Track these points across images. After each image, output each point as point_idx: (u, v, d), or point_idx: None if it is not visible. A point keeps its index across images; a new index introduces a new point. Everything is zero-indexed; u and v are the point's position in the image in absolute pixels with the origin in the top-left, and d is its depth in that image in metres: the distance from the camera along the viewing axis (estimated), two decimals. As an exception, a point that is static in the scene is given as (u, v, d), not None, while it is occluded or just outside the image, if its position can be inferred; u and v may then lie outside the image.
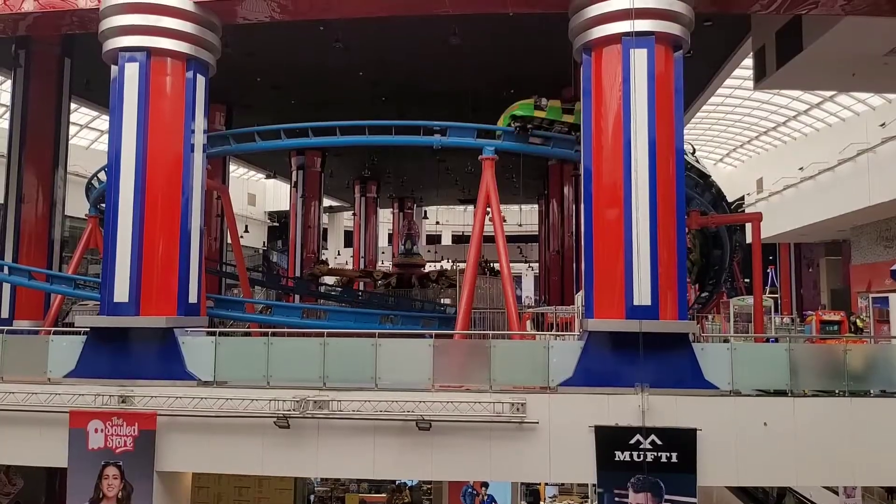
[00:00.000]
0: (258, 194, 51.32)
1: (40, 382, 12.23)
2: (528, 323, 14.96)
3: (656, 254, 11.52)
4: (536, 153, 15.55)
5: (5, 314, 18.27)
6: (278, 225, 51.92)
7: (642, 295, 11.42)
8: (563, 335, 13.27)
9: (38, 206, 18.84)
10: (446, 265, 42.62)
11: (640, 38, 11.72)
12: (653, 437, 10.69)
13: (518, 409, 10.88)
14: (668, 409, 10.85)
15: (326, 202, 40.77)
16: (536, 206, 39.77)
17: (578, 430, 10.85)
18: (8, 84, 22.03)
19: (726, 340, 14.15)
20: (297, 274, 30.04)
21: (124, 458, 11.27)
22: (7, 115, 21.17)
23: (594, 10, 12.01)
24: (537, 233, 37.97)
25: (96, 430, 11.32)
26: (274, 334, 12.63)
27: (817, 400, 11.21)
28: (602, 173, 12.03)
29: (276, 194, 50.22)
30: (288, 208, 34.19)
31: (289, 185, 33.44)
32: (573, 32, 12.63)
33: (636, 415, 10.76)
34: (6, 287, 18.18)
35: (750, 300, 17.35)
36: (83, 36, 14.80)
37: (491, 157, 14.37)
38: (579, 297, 13.13)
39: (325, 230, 46.66)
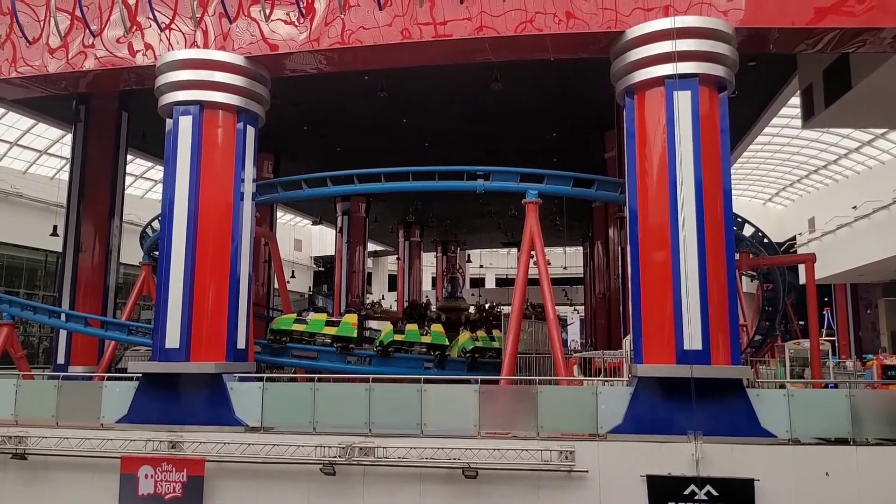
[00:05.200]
0: (304, 240, 52.17)
1: (93, 428, 12.45)
2: (575, 368, 14.70)
3: (706, 296, 11.28)
4: (580, 196, 15.50)
5: (61, 360, 18.79)
6: (324, 270, 52.56)
7: (692, 339, 11.16)
8: (611, 380, 12.98)
9: (95, 255, 19.50)
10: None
11: (683, 80, 11.72)
12: (708, 487, 10.30)
13: (567, 458, 10.62)
14: (724, 458, 10.46)
15: (371, 247, 41.20)
16: (581, 248, 39.47)
17: (630, 480, 10.52)
18: (69, 138, 23.06)
19: (783, 386, 13.65)
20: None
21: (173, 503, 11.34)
22: (67, 168, 22.12)
23: (636, 54, 12.07)
24: (582, 275, 37.57)
25: (146, 476, 11.43)
26: (320, 380, 12.67)
27: (881, 448, 10.66)
28: (648, 215, 11.91)
29: (322, 240, 50.99)
30: (333, 253, 34.67)
31: (334, 231, 33.95)
32: (615, 76, 12.69)
33: (689, 464, 10.40)
34: (62, 333, 18.73)
35: (806, 344, 16.76)
36: (140, 91, 15.47)
37: (535, 200, 14.38)
38: (627, 342, 12.88)
39: (370, 274, 47.06)
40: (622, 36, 12.28)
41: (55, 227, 23.03)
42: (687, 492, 10.31)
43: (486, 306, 29.87)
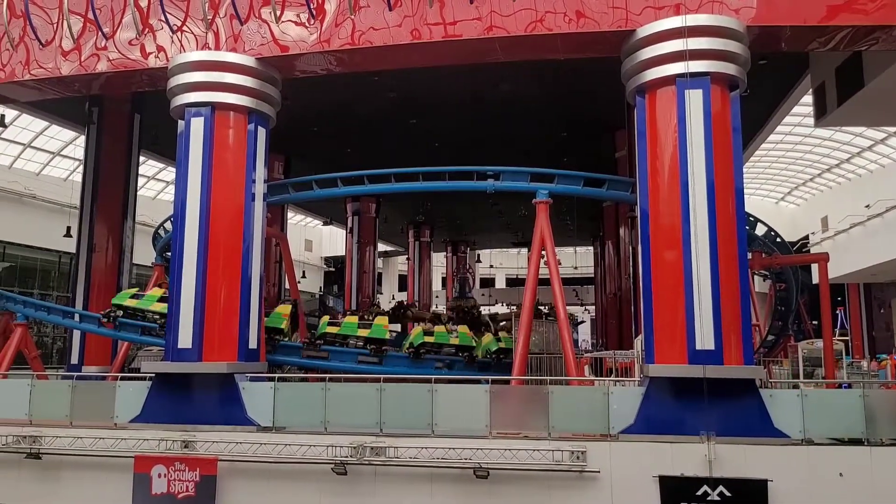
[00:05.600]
0: (315, 240, 52.32)
1: (107, 427, 12.54)
2: (586, 368, 14.68)
3: (718, 296, 11.24)
4: (591, 196, 15.48)
5: (75, 360, 18.94)
6: (334, 270, 52.68)
7: (705, 339, 11.11)
8: (622, 381, 12.95)
9: (108, 255, 19.66)
10: (501, 309, 42.38)
11: (694, 78, 11.68)
12: (721, 487, 10.25)
13: (578, 458, 10.60)
14: (737, 458, 10.41)
15: (381, 247, 41.27)
16: (591, 248, 39.39)
17: (641, 480, 10.49)
18: (82, 139, 23.22)
19: (796, 386, 13.57)
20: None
21: (186, 503, 11.38)
22: (81, 169, 22.29)
23: (647, 53, 12.04)
24: (593, 275, 37.48)
25: (160, 475, 11.49)
26: (331, 380, 12.71)
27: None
28: (659, 214, 11.88)
29: (333, 240, 51.11)
30: (344, 253, 34.75)
31: (344, 231, 34.03)
32: (626, 75, 12.66)
33: (702, 464, 10.36)
34: (76, 334, 18.88)
35: (819, 343, 16.65)
36: (152, 93, 15.56)
37: (545, 200, 14.36)
38: (639, 342, 12.84)
39: (380, 274, 47.10)
40: (633, 35, 12.25)
41: (69, 228, 23.20)
42: (700, 492, 10.27)
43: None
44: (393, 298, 47.06)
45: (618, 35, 12.43)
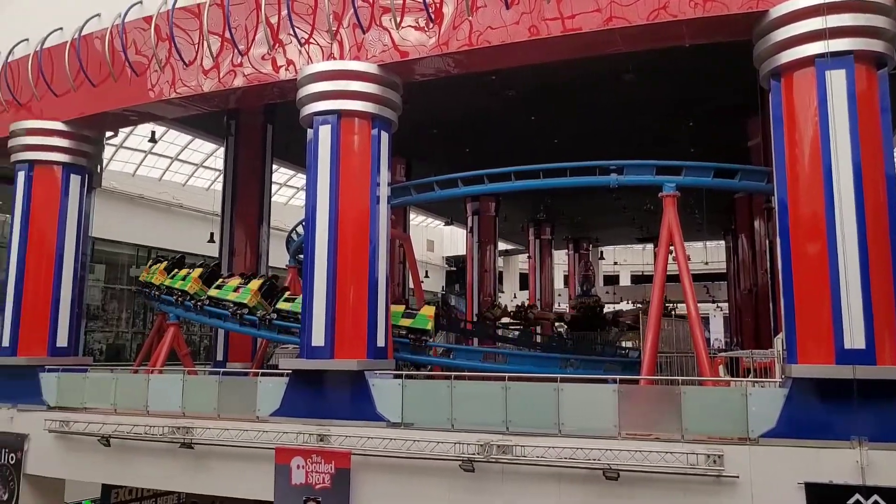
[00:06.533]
0: (436, 240, 53.25)
1: (250, 420, 13.35)
2: (721, 368, 13.99)
3: (868, 290, 10.35)
4: (723, 187, 14.77)
5: (220, 357, 20.32)
6: (455, 269, 53.38)
7: (854, 337, 10.27)
8: (761, 381, 12.23)
9: (246, 259, 20.97)
10: (626, 306, 41.34)
11: (836, 58, 10.82)
12: (875, 497, 9.46)
13: (715, 461, 10.13)
14: (893, 466, 9.57)
15: (501, 246, 41.35)
16: (723, 242, 37.56)
17: (785, 487, 9.87)
18: (221, 151, 24.88)
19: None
20: (475, 317, 30.60)
21: (323, 494, 11.92)
22: (221, 179, 23.89)
23: (782, 34, 11.28)
24: (725, 271, 35.73)
25: (298, 467, 12.10)
26: (456, 377, 12.87)
27: None
28: (799, 205, 11.10)
29: (453, 240, 51.83)
30: (464, 253, 35.11)
31: (465, 231, 34.38)
32: (759, 58, 11.95)
33: (853, 471, 9.60)
34: (220, 332, 20.24)
35: None
36: (282, 104, 16.41)
37: (672, 193, 13.84)
38: (779, 340, 12.07)
39: (501, 273, 47.22)
40: (766, 15, 11.52)
41: (212, 235, 24.94)
42: (851, 501, 9.52)
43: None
44: (514, 297, 47.10)
45: (749, 17, 11.74)
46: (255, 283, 17.57)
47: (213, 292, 17.41)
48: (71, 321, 17.07)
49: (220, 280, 17.76)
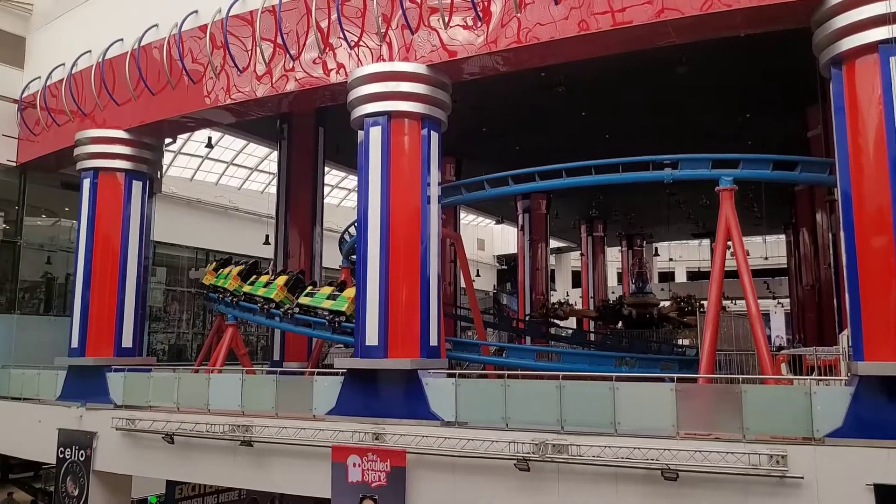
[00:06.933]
0: (487, 239, 53.18)
1: (307, 419, 13.57)
2: (783, 366, 13.59)
3: (941, 285, 9.91)
4: (782, 180, 14.34)
5: (277, 357, 20.72)
6: (507, 268, 53.23)
7: (926, 333, 9.85)
8: (826, 380, 11.83)
9: (301, 260, 21.33)
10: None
11: (902, 42, 10.39)
12: (952, 501, 9.05)
13: (778, 462, 9.83)
14: (970, 467, 9.14)
15: (553, 243, 41.05)
16: (783, 236, 36.47)
17: (853, 489, 9.51)
18: (274, 154, 25.36)
19: None
20: (527, 316, 30.46)
21: (379, 492, 12.04)
22: (275, 182, 24.37)
23: (843, 20, 10.88)
24: (786, 266, 34.69)
25: (354, 465, 12.24)
26: (509, 376, 12.83)
27: None
28: (864, 197, 10.68)
29: (504, 238, 51.69)
30: (516, 251, 34.98)
31: (516, 229, 34.26)
32: (818, 46, 11.55)
33: (927, 473, 9.21)
34: (277, 332, 20.64)
35: None
36: (332, 107, 16.64)
37: (730, 187, 13.50)
38: (844, 337, 11.66)
39: (553, 271, 46.85)
40: (825, 2, 11.13)
41: (267, 237, 25.45)
42: (925, 505, 9.14)
43: (684, 297, 28.61)
44: (567, 295, 46.68)
45: (807, 3, 11.36)
46: (281, 279, 18.29)
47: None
48: (135, 322, 17.69)
49: (310, 288, 18.04)
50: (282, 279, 18.30)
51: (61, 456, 16.57)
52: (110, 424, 15.70)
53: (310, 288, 17.86)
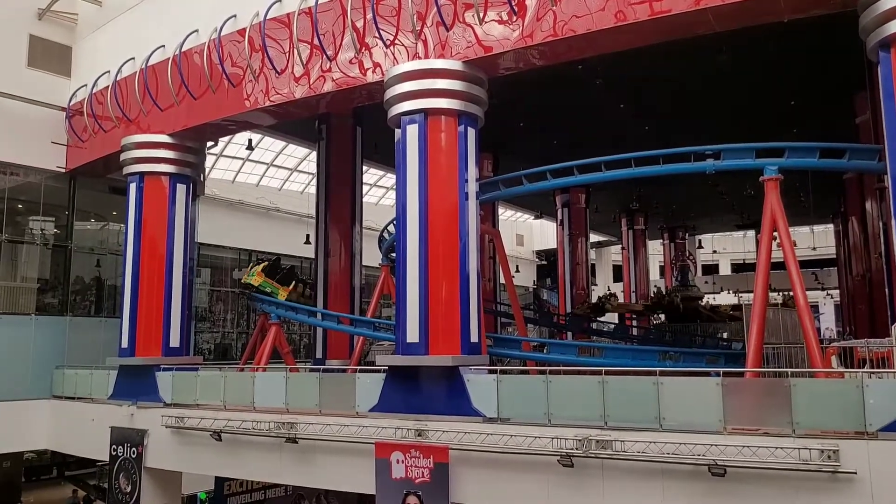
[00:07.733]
0: (525, 234, 52.89)
1: (350, 416, 13.71)
2: (834, 359, 13.21)
3: None
4: (830, 168, 13.93)
5: (319, 355, 20.96)
6: (546, 263, 52.90)
7: (984, 324, 9.49)
8: (878, 372, 11.47)
9: (341, 259, 21.51)
10: (727, 297, 39.79)
11: (955, 22, 10.00)
12: None
13: (829, 457, 9.58)
14: None
15: (593, 237, 40.64)
16: (832, 225, 35.48)
17: (909, 484, 9.24)
18: (313, 155, 25.62)
19: None
20: (568, 311, 30.22)
21: (423, 488, 12.10)
22: (314, 182, 24.62)
23: (891, 2, 10.52)
24: (835, 256, 33.75)
25: (398, 461, 12.32)
26: (551, 372, 12.75)
27: None
28: (917, 183, 10.36)
29: (543, 233, 51.33)
30: (555, 246, 34.72)
31: (555, 224, 33.99)
32: (865, 30, 11.19)
33: None
34: (319, 331, 20.88)
35: None
36: (369, 106, 16.73)
37: (775, 177, 13.17)
38: (897, 329, 11.31)
39: (593, 266, 46.41)
40: (872, -18, 10.79)
41: (307, 236, 25.76)
42: None
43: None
44: (608, 289, 46.18)
45: (853, -15, 11.04)
46: (259, 266, 20.58)
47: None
48: (182, 322, 18.10)
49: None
50: (260, 266, 20.43)
51: (114, 453, 17.08)
52: (160, 422, 16.12)
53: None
